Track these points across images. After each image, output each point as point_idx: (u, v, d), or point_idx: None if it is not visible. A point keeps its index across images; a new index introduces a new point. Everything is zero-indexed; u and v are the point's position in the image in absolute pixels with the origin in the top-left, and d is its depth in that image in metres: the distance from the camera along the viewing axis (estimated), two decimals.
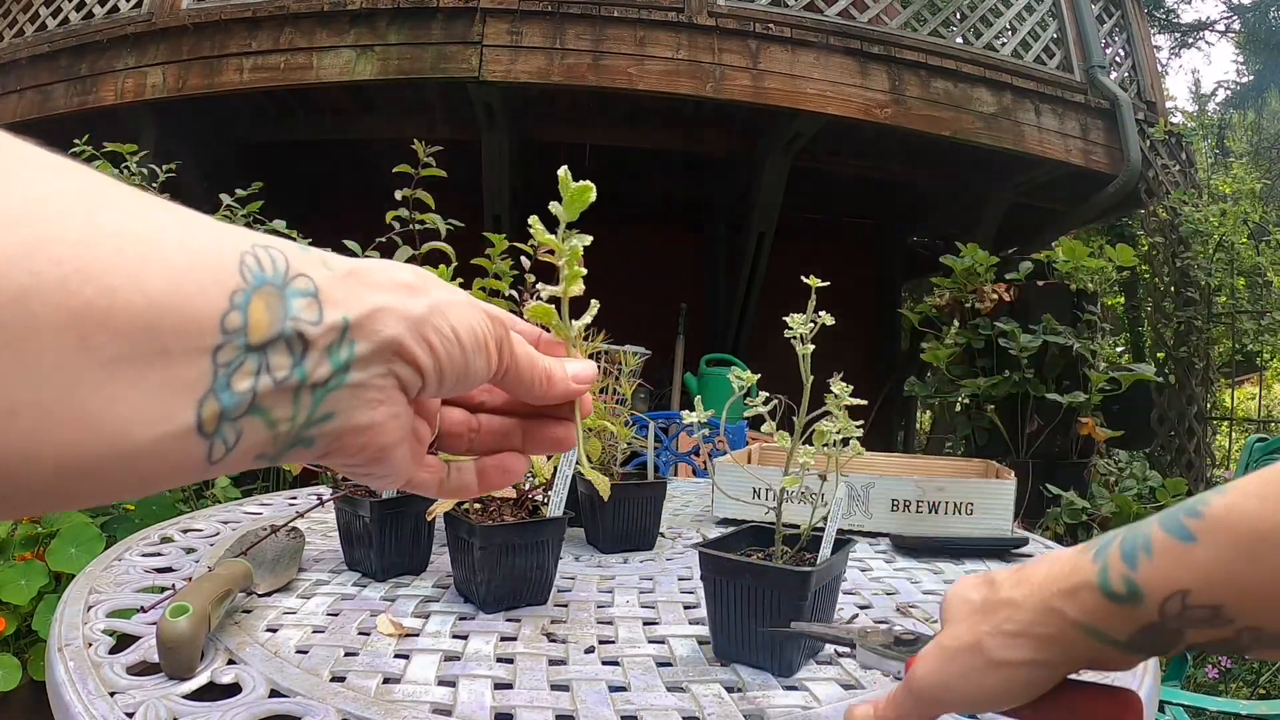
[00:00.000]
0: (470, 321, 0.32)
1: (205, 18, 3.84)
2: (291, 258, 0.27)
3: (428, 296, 0.31)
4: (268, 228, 2.34)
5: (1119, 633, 0.32)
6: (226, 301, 0.24)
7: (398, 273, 0.31)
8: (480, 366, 0.33)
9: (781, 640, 0.71)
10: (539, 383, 0.37)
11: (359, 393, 0.29)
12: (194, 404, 0.24)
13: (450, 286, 0.33)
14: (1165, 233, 4.04)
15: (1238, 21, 13.90)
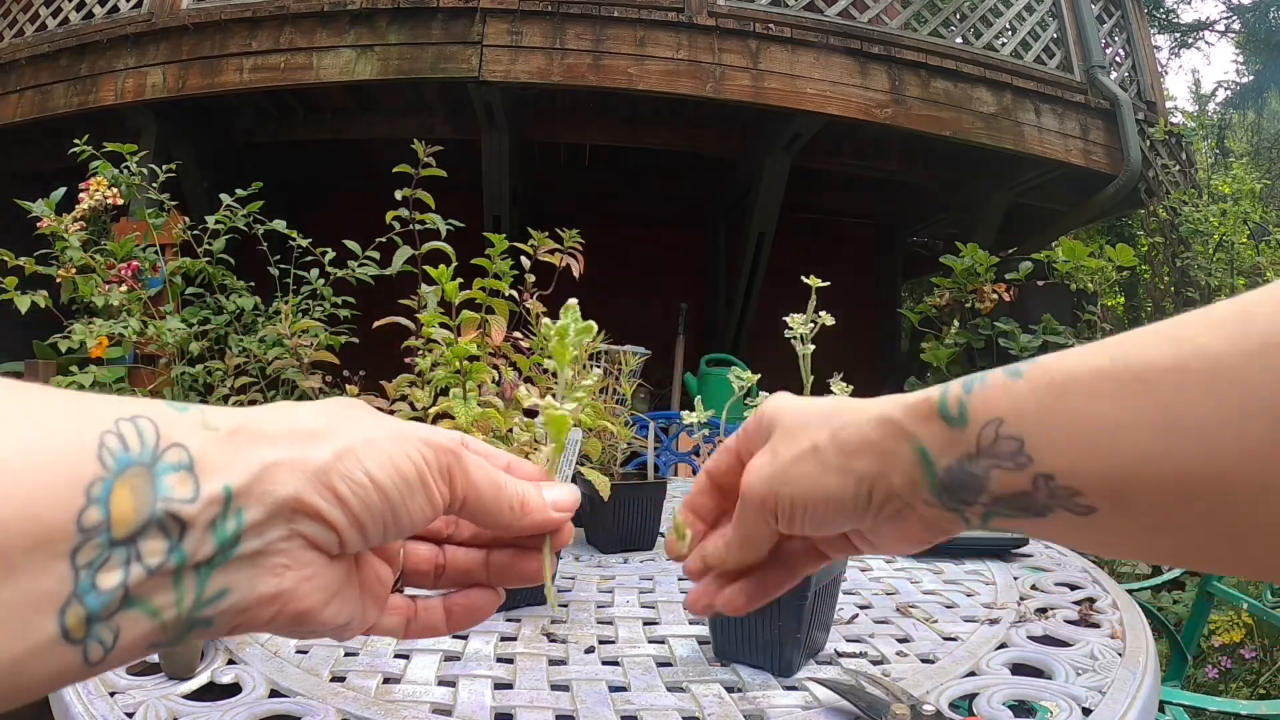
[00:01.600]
0: (394, 461, 0.29)
1: (205, 18, 3.84)
2: (163, 426, 0.25)
3: (334, 441, 0.28)
4: (267, 227, 2.34)
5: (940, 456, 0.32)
6: (82, 497, 0.22)
7: (299, 418, 0.29)
8: (418, 506, 0.30)
9: (781, 640, 0.71)
10: (508, 511, 0.35)
11: (257, 561, 0.27)
12: (54, 614, 0.22)
13: (376, 419, 0.31)
14: (1165, 233, 4.04)
15: (1238, 21, 13.90)
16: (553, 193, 5.43)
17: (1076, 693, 0.65)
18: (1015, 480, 0.29)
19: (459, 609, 0.37)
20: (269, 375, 2.12)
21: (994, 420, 0.30)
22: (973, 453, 0.30)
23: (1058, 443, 0.28)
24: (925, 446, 0.32)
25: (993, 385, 0.30)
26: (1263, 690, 2.31)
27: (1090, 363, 0.28)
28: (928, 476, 0.32)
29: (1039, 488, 0.29)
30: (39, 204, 2.23)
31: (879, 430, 0.34)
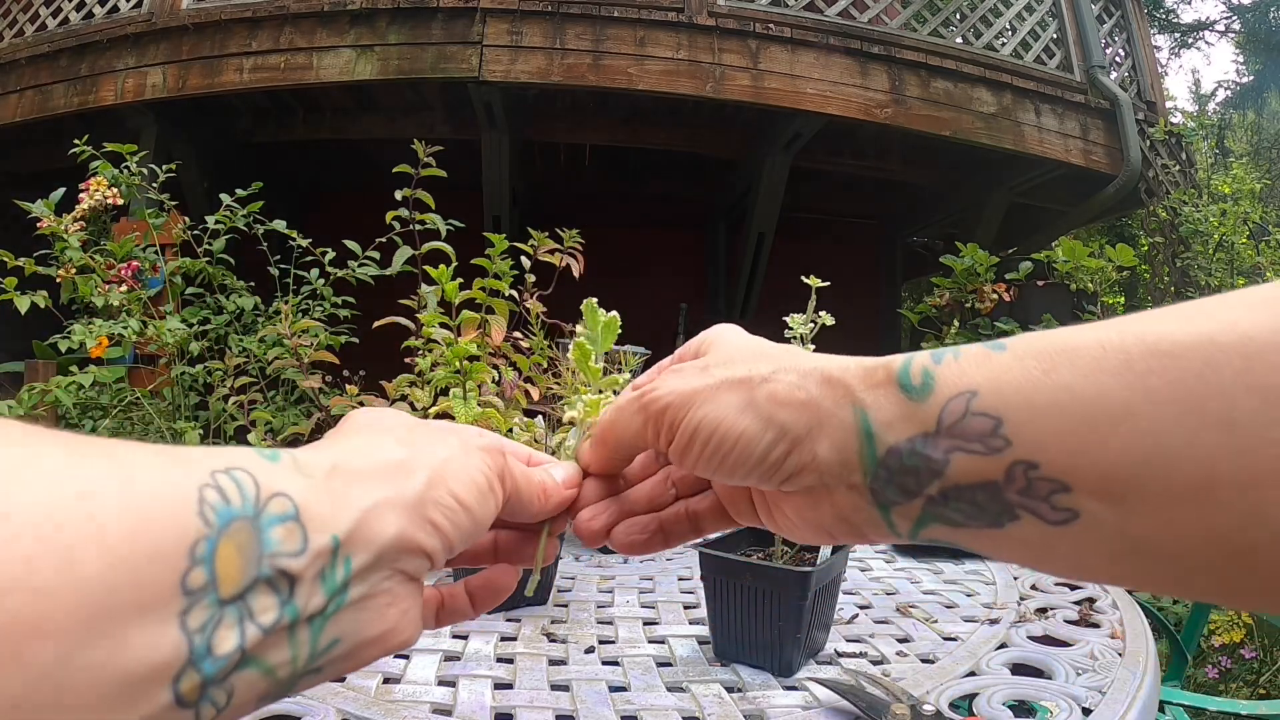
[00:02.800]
0: (471, 475, 0.30)
1: (205, 18, 3.84)
2: (261, 477, 0.23)
3: (421, 470, 0.28)
4: (267, 228, 2.34)
5: (886, 431, 0.26)
6: (185, 559, 0.21)
7: (386, 451, 0.28)
8: (489, 513, 0.31)
9: (781, 640, 0.71)
10: (537, 499, 0.34)
11: (365, 605, 0.26)
12: (168, 683, 0.21)
13: (442, 434, 0.31)
14: (1165, 233, 4.04)
15: (1238, 21, 13.90)
16: (553, 193, 5.43)
17: (1076, 693, 0.65)
18: (983, 468, 0.24)
19: (481, 590, 0.37)
20: (269, 375, 2.12)
21: (965, 393, 0.25)
22: (931, 430, 0.25)
23: (1048, 425, 0.23)
24: (870, 416, 0.27)
25: (968, 356, 0.26)
26: (1263, 690, 2.31)
27: (1092, 335, 0.23)
28: (865, 452, 0.27)
29: (1014, 479, 0.24)
30: (39, 204, 2.23)
31: (821, 387, 0.29)
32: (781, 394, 0.29)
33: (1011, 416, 0.24)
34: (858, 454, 0.27)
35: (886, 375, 0.27)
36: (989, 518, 0.25)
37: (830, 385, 0.29)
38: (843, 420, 0.28)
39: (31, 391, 2.00)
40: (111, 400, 2.25)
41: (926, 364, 0.27)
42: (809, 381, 0.29)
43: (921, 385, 0.26)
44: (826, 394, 0.29)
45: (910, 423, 0.26)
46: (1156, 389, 0.21)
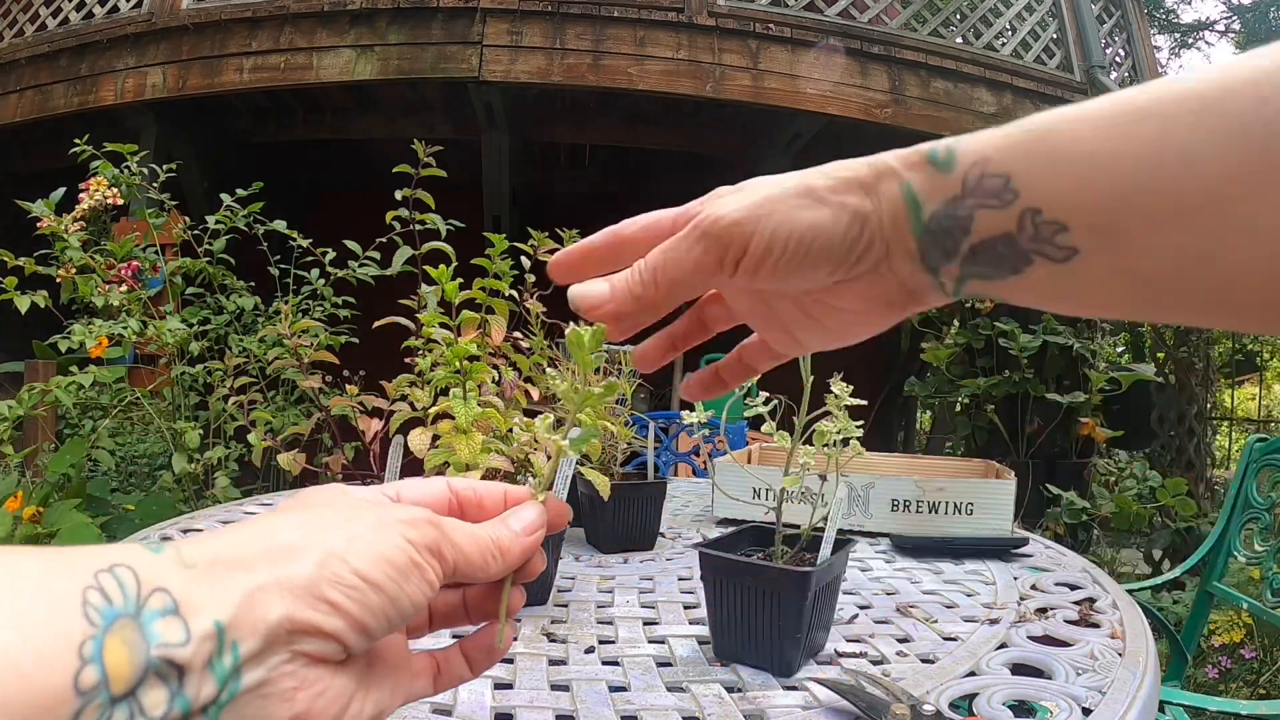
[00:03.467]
0: (381, 550, 0.28)
1: (205, 18, 3.84)
2: (142, 572, 0.24)
3: (314, 550, 0.27)
4: (268, 228, 2.34)
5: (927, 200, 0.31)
6: (76, 658, 0.21)
7: (276, 535, 0.28)
8: (415, 590, 0.29)
9: (781, 640, 0.71)
10: (491, 560, 0.33)
11: (264, 692, 0.26)
12: None
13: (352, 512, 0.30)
14: None
15: (1238, 21, 13.90)
16: (553, 193, 5.43)
17: (1076, 693, 0.65)
18: (1000, 220, 0.29)
19: (477, 653, 0.37)
20: (269, 375, 2.12)
21: (980, 159, 0.29)
22: (958, 194, 0.30)
23: (1045, 174, 0.28)
24: (913, 187, 0.31)
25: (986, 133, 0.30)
26: (1263, 690, 2.31)
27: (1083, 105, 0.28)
28: (913, 217, 0.31)
29: (1024, 226, 0.28)
30: (39, 204, 2.23)
31: (871, 171, 0.33)
32: (843, 183, 0.33)
33: (1017, 171, 0.28)
34: (908, 221, 0.32)
35: (920, 156, 0.31)
36: (1010, 266, 0.30)
37: (878, 167, 0.33)
38: (894, 194, 0.32)
39: (31, 391, 2.00)
40: (111, 400, 2.25)
41: (950, 143, 0.31)
42: (859, 168, 0.33)
43: (946, 160, 0.30)
44: (877, 174, 0.32)
45: (942, 189, 0.30)
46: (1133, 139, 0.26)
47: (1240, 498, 1.66)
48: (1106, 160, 0.26)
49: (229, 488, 2.19)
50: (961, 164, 0.30)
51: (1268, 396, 7.31)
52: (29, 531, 1.79)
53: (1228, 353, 4.51)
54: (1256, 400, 6.37)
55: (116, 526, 1.95)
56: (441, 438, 0.89)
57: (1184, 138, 0.25)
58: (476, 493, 0.37)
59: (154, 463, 2.33)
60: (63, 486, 2.01)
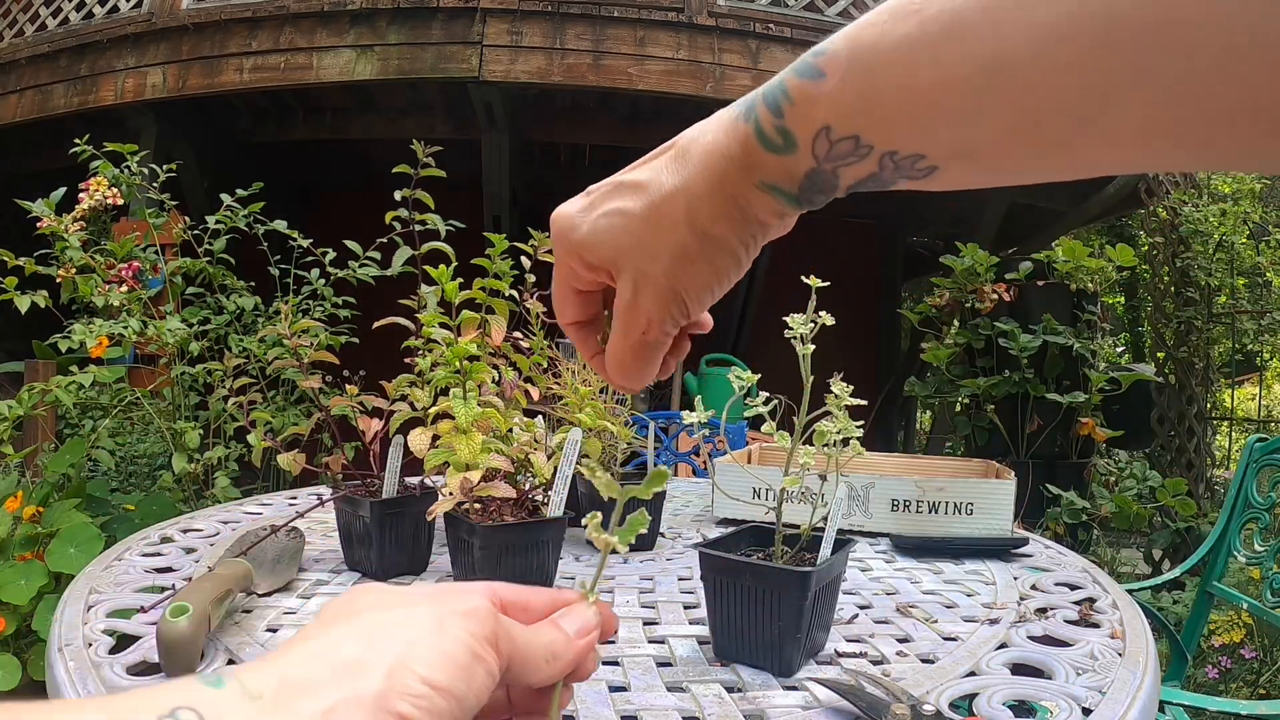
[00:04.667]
0: (446, 651, 0.27)
1: (205, 18, 3.84)
2: (208, 712, 0.23)
3: (380, 662, 0.26)
4: (268, 228, 2.34)
5: (790, 184, 0.33)
6: None
7: (339, 651, 0.27)
8: (480, 685, 0.28)
9: (781, 640, 0.71)
10: (544, 665, 0.32)
11: None
12: None
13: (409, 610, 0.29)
14: (1165, 232, 4.04)
15: None
16: (553, 193, 5.42)
17: (1076, 693, 0.65)
18: (862, 168, 0.31)
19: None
20: (269, 375, 2.12)
21: (821, 131, 0.30)
22: (813, 168, 0.31)
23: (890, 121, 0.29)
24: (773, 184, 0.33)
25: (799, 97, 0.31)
26: (1263, 690, 2.31)
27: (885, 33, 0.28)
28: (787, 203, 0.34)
29: (885, 166, 0.30)
30: (39, 204, 2.23)
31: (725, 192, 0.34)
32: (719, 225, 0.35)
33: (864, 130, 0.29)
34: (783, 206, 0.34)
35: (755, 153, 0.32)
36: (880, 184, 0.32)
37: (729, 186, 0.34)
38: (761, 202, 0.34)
39: (31, 391, 2.00)
40: (111, 400, 2.25)
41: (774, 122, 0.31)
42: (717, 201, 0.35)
43: (785, 143, 0.31)
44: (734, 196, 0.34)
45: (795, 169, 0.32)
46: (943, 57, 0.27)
47: (1240, 498, 1.66)
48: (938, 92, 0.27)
49: (229, 488, 2.19)
50: (803, 141, 0.31)
51: (1268, 396, 7.31)
52: (28, 531, 1.79)
53: (1228, 353, 4.51)
54: (1256, 400, 6.38)
55: (116, 526, 1.95)
56: (441, 438, 0.89)
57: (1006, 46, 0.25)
58: (523, 596, 0.35)
59: (154, 463, 2.33)
60: (63, 486, 2.02)
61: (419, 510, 0.99)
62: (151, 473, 2.32)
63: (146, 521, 1.95)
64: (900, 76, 0.28)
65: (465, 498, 0.90)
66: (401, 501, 0.99)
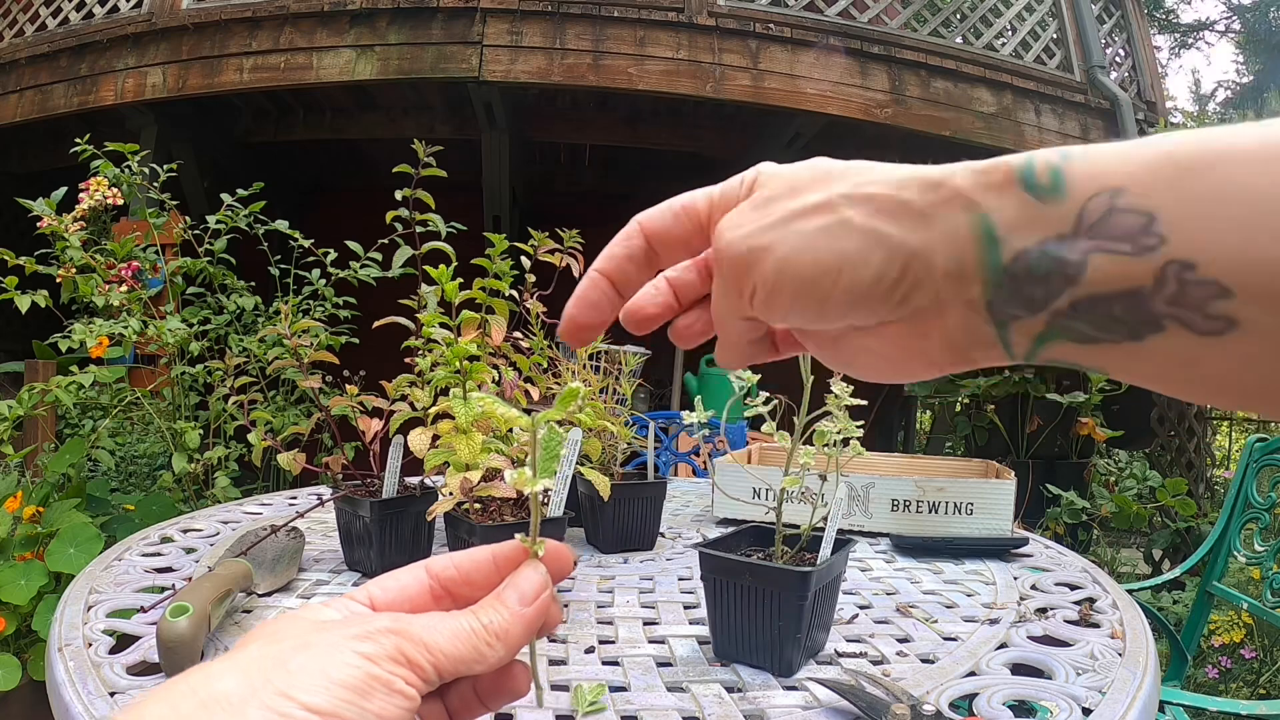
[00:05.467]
0: (332, 676, 0.25)
1: (205, 18, 3.84)
2: None
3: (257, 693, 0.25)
4: (268, 228, 2.34)
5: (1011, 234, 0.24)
6: None
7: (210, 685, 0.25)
8: (384, 706, 0.26)
9: (781, 640, 0.71)
10: (487, 650, 0.29)
11: None
12: None
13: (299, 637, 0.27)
14: None
15: (1238, 21, 13.90)
16: (553, 193, 5.43)
17: (1076, 693, 0.65)
18: (1129, 271, 0.22)
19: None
20: (269, 375, 2.12)
21: (1108, 190, 0.22)
22: (1068, 231, 0.23)
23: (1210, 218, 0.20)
24: (992, 220, 0.24)
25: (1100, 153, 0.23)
26: (1263, 690, 2.31)
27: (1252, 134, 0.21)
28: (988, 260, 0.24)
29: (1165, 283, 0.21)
30: (39, 204, 2.23)
31: (927, 192, 0.25)
32: (884, 204, 0.26)
33: (1167, 211, 0.21)
34: (978, 263, 0.24)
35: (1005, 176, 0.24)
36: (1126, 330, 0.22)
37: (938, 189, 0.25)
38: (958, 226, 0.24)
39: (31, 391, 2.00)
40: (111, 400, 2.25)
41: (1053, 161, 0.24)
42: (908, 188, 0.26)
43: (1051, 184, 0.23)
44: (935, 199, 0.25)
45: (1040, 224, 0.23)
46: None
47: (1240, 498, 1.66)
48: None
49: (229, 488, 2.19)
50: (1076, 191, 0.23)
51: None
52: (28, 531, 1.79)
53: None
54: None
55: (116, 526, 1.95)
56: (441, 438, 0.89)
57: None
58: (459, 569, 0.32)
59: (154, 463, 2.33)
60: (63, 486, 2.02)
61: (419, 510, 0.99)
62: (151, 473, 2.32)
63: (146, 521, 1.95)
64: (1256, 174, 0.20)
65: (465, 498, 0.90)
66: (401, 501, 0.99)
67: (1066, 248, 0.23)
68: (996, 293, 0.24)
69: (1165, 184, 0.21)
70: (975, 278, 0.24)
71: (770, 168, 0.30)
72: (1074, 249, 0.22)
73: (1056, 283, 0.23)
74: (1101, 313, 0.22)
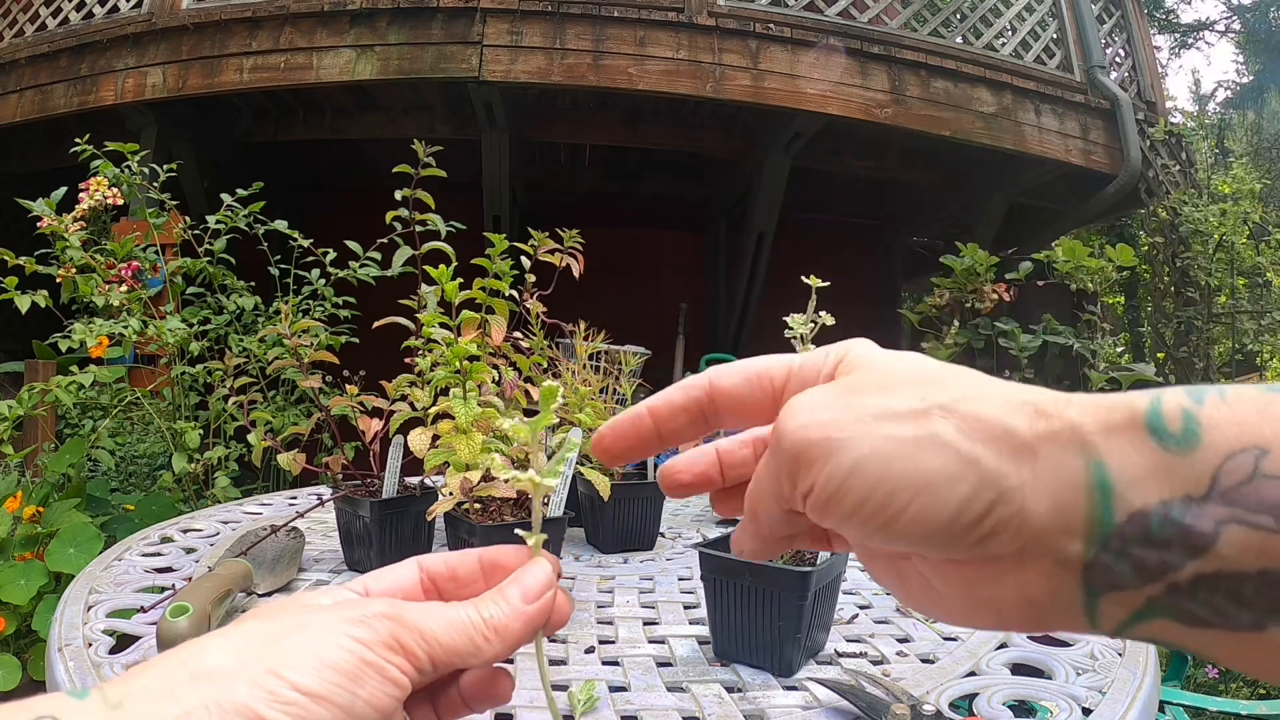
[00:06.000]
0: (324, 659, 0.25)
1: (205, 18, 3.84)
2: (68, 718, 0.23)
3: (246, 670, 0.24)
4: (268, 228, 2.34)
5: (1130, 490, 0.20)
6: None
7: (201, 658, 0.25)
8: (373, 694, 0.26)
9: (781, 640, 0.71)
10: (483, 643, 0.29)
11: None
12: None
13: (296, 619, 0.27)
14: (1165, 233, 4.04)
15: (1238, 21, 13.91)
16: (553, 193, 5.43)
17: (1076, 693, 0.65)
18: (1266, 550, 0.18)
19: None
20: (269, 375, 2.12)
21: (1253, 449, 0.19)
22: (1200, 494, 0.19)
23: None
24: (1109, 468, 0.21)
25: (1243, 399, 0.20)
26: (1263, 690, 2.31)
27: None
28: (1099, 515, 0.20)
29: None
30: (39, 204, 2.23)
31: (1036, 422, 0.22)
32: (981, 427, 0.22)
33: None
34: (1086, 517, 0.21)
35: (1130, 416, 0.21)
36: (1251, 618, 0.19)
37: (1048, 420, 0.22)
38: (1067, 470, 0.21)
39: (31, 391, 2.00)
40: (111, 400, 2.25)
41: (1185, 404, 0.21)
42: (1017, 414, 0.22)
43: (1183, 433, 0.20)
44: (1044, 432, 0.22)
45: (1168, 481, 0.20)
46: None
47: None
48: None
49: (229, 488, 2.19)
50: (1213, 446, 0.20)
51: None
52: (28, 531, 1.79)
53: (1228, 353, 4.51)
54: None
55: (116, 526, 1.95)
56: (441, 438, 0.89)
57: None
58: (448, 565, 0.32)
59: (154, 463, 2.33)
60: (63, 486, 2.01)
61: (419, 510, 0.99)
62: (151, 473, 2.32)
63: (146, 521, 1.95)
64: None
65: (465, 498, 0.90)
66: (401, 501, 0.99)
67: (1196, 513, 0.19)
68: (1102, 553, 0.21)
69: None
70: (1080, 533, 0.21)
71: (862, 350, 0.27)
72: (1206, 516, 0.19)
73: (1178, 552, 0.19)
74: (1227, 594, 0.19)
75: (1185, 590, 0.20)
